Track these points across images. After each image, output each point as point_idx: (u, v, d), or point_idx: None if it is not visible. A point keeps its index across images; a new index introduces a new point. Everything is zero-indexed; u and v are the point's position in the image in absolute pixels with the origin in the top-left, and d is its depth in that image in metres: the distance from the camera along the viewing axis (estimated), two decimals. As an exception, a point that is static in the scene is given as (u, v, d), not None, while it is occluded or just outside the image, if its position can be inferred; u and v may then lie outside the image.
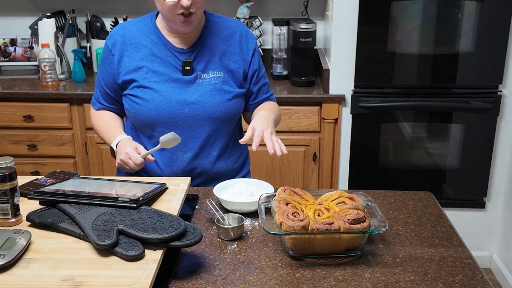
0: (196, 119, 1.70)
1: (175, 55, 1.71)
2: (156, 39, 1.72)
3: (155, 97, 1.68)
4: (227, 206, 1.56)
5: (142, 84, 1.70)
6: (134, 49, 1.72)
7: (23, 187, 1.52)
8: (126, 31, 1.74)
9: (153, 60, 1.71)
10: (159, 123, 1.70)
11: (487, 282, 1.25)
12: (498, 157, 2.94)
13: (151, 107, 1.69)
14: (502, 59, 2.74)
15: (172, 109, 1.69)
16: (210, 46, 1.73)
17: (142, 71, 1.70)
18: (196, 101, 1.69)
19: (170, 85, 1.70)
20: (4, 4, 3.34)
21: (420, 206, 1.64)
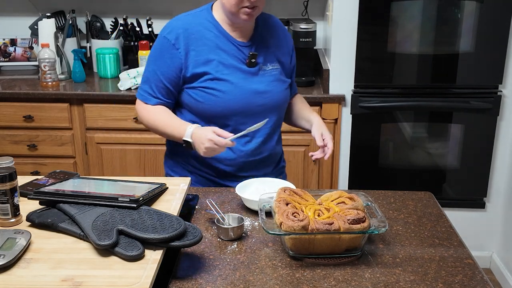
0: (265, 107, 1.78)
1: (239, 48, 1.76)
2: (218, 33, 1.75)
3: (231, 88, 1.73)
4: (249, 205, 1.58)
5: (216, 76, 1.72)
6: (199, 43, 1.73)
7: (23, 187, 1.52)
8: (187, 25, 1.75)
9: (220, 53, 1.74)
10: (234, 113, 1.75)
11: (487, 282, 1.25)
12: (498, 157, 2.94)
13: (229, 98, 1.73)
14: (502, 59, 2.73)
15: (247, 99, 1.75)
16: (265, 40, 1.82)
17: (213, 64, 1.73)
18: (265, 91, 1.78)
19: (239, 76, 1.75)
20: (4, 4, 3.34)
21: (420, 206, 1.64)
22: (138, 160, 2.88)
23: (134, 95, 2.78)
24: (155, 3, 3.30)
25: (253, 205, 1.56)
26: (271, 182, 1.70)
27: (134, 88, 2.84)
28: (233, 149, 1.77)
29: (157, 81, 1.77)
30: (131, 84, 2.83)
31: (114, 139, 2.86)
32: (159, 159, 2.86)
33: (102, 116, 2.83)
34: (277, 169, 1.94)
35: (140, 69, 2.90)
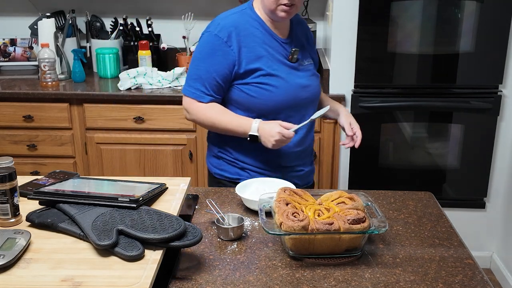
0: (308, 100, 1.88)
1: (281, 44, 1.83)
2: (263, 30, 1.81)
3: (282, 83, 1.79)
4: (249, 205, 1.58)
5: (268, 72, 1.78)
6: (249, 40, 1.78)
7: (23, 187, 1.51)
8: (237, 23, 1.79)
9: (268, 49, 1.80)
10: (285, 107, 1.81)
11: (487, 282, 1.25)
12: (498, 157, 2.94)
13: (281, 93, 1.78)
14: (502, 59, 2.73)
15: (295, 93, 1.82)
16: (298, 36, 1.91)
17: (264, 60, 1.78)
18: (308, 85, 1.86)
19: (286, 71, 1.81)
20: (4, 4, 3.34)
21: (420, 206, 1.64)
22: (138, 160, 2.88)
23: (134, 95, 2.79)
24: (155, 3, 3.30)
25: (253, 205, 1.56)
26: (271, 182, 1.70)
27: (134, 88, 2.84)
28: None
29: (210, 78, 1.78)
30: (131, 84, 2.83)
31: (114, 139, 2.86)
32: (159, 159, 2.86)
33: (102, 116, 2.83)
34: (311, 157, 2.02)
35: (140, 69, 2.90)
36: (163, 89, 2.86)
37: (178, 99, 2.79)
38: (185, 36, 3.10)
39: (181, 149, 2.86)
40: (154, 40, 3.16)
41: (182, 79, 2.95)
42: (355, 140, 1.90)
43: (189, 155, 2.85)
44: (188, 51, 3.10)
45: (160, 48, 3.14)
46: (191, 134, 2.84)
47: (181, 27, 3.12)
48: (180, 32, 3.13)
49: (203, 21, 3.22)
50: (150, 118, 2.81)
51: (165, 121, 2.81)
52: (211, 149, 1.99)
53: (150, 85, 2.86)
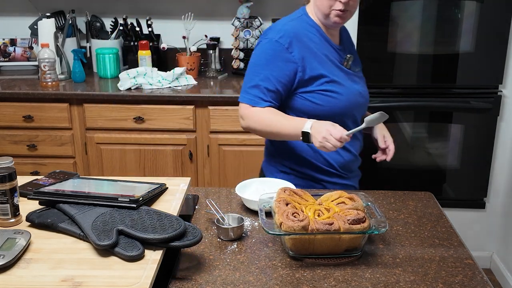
0: (363, 107, 1.89)
1: (336, 51, 1.81)
2: (320, 37, 1.78)
3: (344, 90, 1.77)
4: (249, 205, 1.58)
5: (332, 78, 1.75)
6: (311, 46, 1.75)
7: (23, 187, 1.51)
8: (296, 30, 1.75)
9: (327, 56, 1.78)
10: (347, 114, 1.80)
11: (487, 283, 1.25)
12: (498, 157, 2.94)
13: (345, 99, 1.76)
14: (502, 59, 2.73)
15: (355, 100, 1.81)
16: (348, 44, 1.91)
17: (326, 66, 1.76)
18: (363, 91, 1.87)
19: (344, 78, 1.79)
20: (4, 4, 3.34)
21: (420, 206, 1.64)
22: (138, 160, 2.88)
23: (134, 95, 2.79)
24: (155, 3, 3.30)
25: (253, 205, 1.56)
26: (271, 182, 1.70)
27: (134, 88, 2.84)
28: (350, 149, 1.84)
29: (270, 85, 1.72)
30: (131, 84, 2.83)
31: (114, 139, 2.86)
32: (159, 159, 2.86)
33: (102, 116, 2.83)
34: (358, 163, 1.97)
35: (140, 69, 2.90)
36: (163, 89, 2.86)
37: (178, 99, 2.80)
38: (185, 36, 3.10)
39: (181, 149, 2.86)
40: (154, 40, 3.16)
41: (182, 79, 2.96)
42: (387, 154, 1.88)
43: (189, 155, 2.85)
44: (188, 51, 3.10)
45: (160, 48, 3.14)
46: (191, 134, 2.84)
47: (181, 27, 3.12)
48: (180, 32, 3.13)
49: (203, 21, 3.24)
50: (150, 118, 2.81)
51: (165, 121, 2.81)
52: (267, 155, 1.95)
53: (150, 85, 2.86)
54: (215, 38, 3.21)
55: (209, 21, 3.30)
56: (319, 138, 1.62)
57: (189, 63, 3.06)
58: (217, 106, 2.78)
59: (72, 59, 3.03)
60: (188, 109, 2.79)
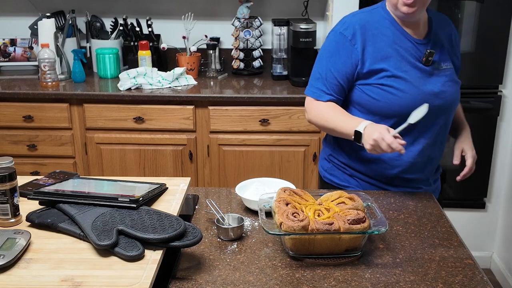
0: (439, 108, 1.72)
1: (415, 45, 1.72)
2: (395, 30, 1.72)
3: (409, 88, 1.68)
4: (249, 205, 1.58)
5: (395, 73, 1.68)
6: (377, 39, 1.71)
7: (23, 187, 1.51)
8: (364, 22, 1.72)
9: (398, 50, 1.70)
10: (410, 112, 1.66)
11: (487, 283, 1.25)
12: (498, 158, 2.94)
13: (406, 97, 1.68)
14: (502, 59, 2.73)
15: (423, 100, 1.67)
16: (439, 37, 1.77)
17: (391, 61, 1.69)
18: (441, 91, 1.72)
19: (417, 75, 1.70)
20: (4, 4, 3.34)
21: (420, 207, 1.64)
22: (138, 160, 2.88)
23: (134, 95, 2.79)
24: (155, 3, 3.30)
25: (253, 205, 1.56)
26: (271, 182, 1.70)
27: (134, 88, 2.84)
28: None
29: (331, 77, 1.72)
30: (131, 84, 2.83)
31: (114, 139, 2.86)
32: (159, 159, 2.86)
33: (102, 116, 2.83)
34: (436, 174, 1.89)
35: (140, 69, 2.90)
36: (163, 89, 2.86)
37: (178, 99, 2.80)
38: (185, 36, 3.10)
39: (181, 149, 2.86)
40: (154, 40, 3.16)
41: (182, 79, 2.96)
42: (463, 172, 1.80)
43: (189, 155, 2.85)
44: (188, 51, 3.10)
45: (160, 48, 3.14)
46: (191, 134, 2.84)
47: (181, 27, 3.12)
48: (180, 32, 3.13)
49: (203, 21, 3.24)
50: (150, 118, 2.81)
51: (165, 121, 2.81)
52: (324, 151, 1.92)
53: (150, 85, 2.86)
54: (215, 38, 3.21)
55: (209, 21, 3.30)
56: (370, 140, 1.56)
57: (189, 63, 3.06)
58: (217, 106, 2.78)
59: (72, 59, 3.03)
60: (188, 109, 2.79)
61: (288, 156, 2.85)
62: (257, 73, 3.20)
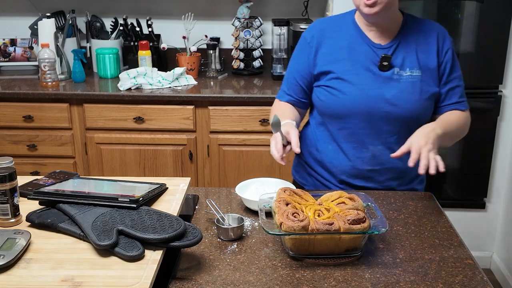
0: (391, 115, 1.68)
1: (373, 50, 1.70)
2: (355, 34, 1.73)
3: (352, 90, 1.68)
4: (249, 205, 1.58)
5: (340, 76, 1.70)
6: (332, 42, 1.74)
7: (23, 187, 1.51)
8: (325, 25, 1.78)
9: (352, 54, 1.71)
10: (353, 115, 1.69)
11: (487, 283, 1.25)
12: (499, 158, 2.94)
13: (348, 100, 1.68)
14: (502, 60, 2.73)
15: (370, 103, 1.67)
16: (408, 44, 1.71)
17: (341, 64, 1.71)
18: (393, 98, 1.67)
19: (368, 79, 1.69)
20: (4, 4, 3.34)
21: (420, 207, 1.64)
22: (138, 160, 2.88)
23: (134, 95, 2.79)
24: (155, 3, 3.30)
25: (253, 205, 1.56)
26: (271, 182, 1.70)
27: (134, 88, 2.84)
28: (348, 156, 1.74)
29: (291, 78, 1.81)
30: (131, 84, 2.83)
31: (114, 139, 2.86)
32: (159, 159, 2.86)
33: (102, 116, 2.83)
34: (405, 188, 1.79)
35: (140, 69, 2.90)
36: (163, 89, 2.86)
37: (178, 99, 2.80)
38: (185, 36, 3.10)
39: (181, 149, 2.86)
40: (154, 40, 3.16)
41: (182, 79, 2.96)
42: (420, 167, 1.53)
43: (189, 155, 2.85)
44: (188, 51, 3.10)
45: (160, 48, 3.14)
46: (191, 134, 2.84)
47: (181, 27, 3.12)
48: (180, 32, 3.13)
49: (203, 21, 3.24)
50: (150, 118, 2.81)
51: (165, 121, 2.81)
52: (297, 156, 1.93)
53: (150, 85, 2.86)
54: (215, 38, 3.21)
55: (209, 21, 3.30)
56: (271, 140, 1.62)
57: (189, 63, 3.06)
58: (217, 106, 2.78)
59: (72, 59, 3.03)
60: (188, 109, 2.79)
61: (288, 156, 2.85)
62: (257, 73, 3.20)
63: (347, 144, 1.74)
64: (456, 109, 1.78)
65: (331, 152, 1.77)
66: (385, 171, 1.75)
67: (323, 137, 1.79)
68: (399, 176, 1.77)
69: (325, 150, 1.79)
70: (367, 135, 1.71)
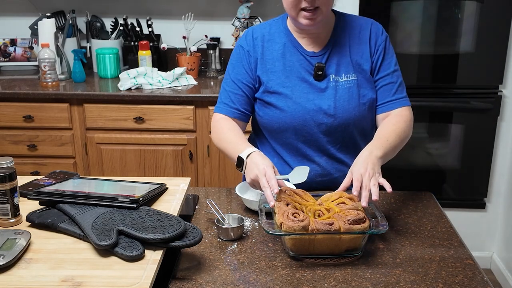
0: (331, 125, 1.63)
1: (307, 58, 1.64)
2: (287, 42, 1.66)
3: (289, 104, 1.62)
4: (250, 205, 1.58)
5: (276, 90, 1.63)
6: (267, 53, 1.66)
7: (23, 187, 1.51)
8: (261, 34, 1.69)
9: (285, 64, 1.64)
10: (292, 129, 1.64)
11: (488, 283, 1.25)
12: (499, 158, 2.94)
13: (285, 115, 1.63)
14: (502, 59, 2.73)
15: (307, 116, 1.62)
16: (342, 47, 1.65)
17: (275, 75, 1.64)
18: (331, 108, 1.61)
19: (303, 90, 1.62)
20: (4, 4, 3.34)
21: (421, 207, 1.64)
22: (138, 160, 2.88)
23: (134, 95, 2.79)
24: (155, 3, 3.30)
25: (253, 205, 1.56)
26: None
27: (134, 88, 2.84)
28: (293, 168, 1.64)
29: (234, 88, 1.69)
30: (131, 84, 2.83)
31: (114, 139, 2.86)
32: (159, 159, 2.86)
33: (102, 116, 2.83)
34: None
35: (140, 69, 2.90)
36: (163, 89, 2.86)
37: (178, 99, 2.80)
38: (185, 36, 3.10)
39: (181, 149, 2.86)
40: (154, 40, 3.16)
41: (182, 79, 2.96)
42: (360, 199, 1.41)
43: (189, 155, 2.85)
44: (188, 51, 3.10)
45: (160, 48, 3.14)
46: (191, 134, 2.84)
47: (181, 27, 3.12)
48: (180, 32, 3.13)
49: (203, 21, 3.24)
50: (150, 118, 2.81)
51: (165, 121, 2.81)
52: None
53: (150, 85, 2.86)
54: (215, 38, 3.21)
55: (209, 21, 3.30)
56: (251, 174, 1.46)
57: (189, 63, 3.06)
58: (217, 106, 2.78)
59: (72, 59, 3.03)
60: (188, 109, 2.79)
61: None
62: (257, 73, 3.20)
63: (290, 158, 1.69)
64: (394, 108, 1.67)
65: (276, 165, 1.57)
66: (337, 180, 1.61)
67: (266, 151, 1.71)
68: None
69: None
70: (309, 149, 1.66)
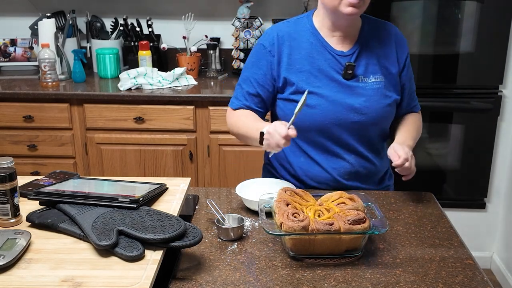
0: (361, 124, 1.65)
1: (336, 58, 1.64)
2: (315, 41, 1.65)
3: (321, 103, 1.62)
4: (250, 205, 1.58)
5: (306, 89, 1.60)
6: (293, 51, 1.65)
7: (23, 188, 1.51)
8: (284, 32, 1.67)
9: (314, 63, 1.64)
10: (324, 129, 1.64)
11: (488, 283, 1.25)
12: (499, 158, 2.94)
13: (318, 113, 1.62)
14: (503, 60, 2.73)
15: (339, 115, 1.62)
16: (369, 49, 1.67)
17: (304, 75, 1.63)
18: (362, 107, 1.63)
19: (333, 89, 1.63)
20: (4, 4, 3.34)
21: (421, 207, 1.64)
22: (138, 160, 2.88)
23: (134, 96, 2.79)
24: (155, 3, 3.30)
25: (253, 205, 1.56)
26: (271, 183, 1.70)
27: (134, 88, 2.84)
28: (326, 168, 1.69)
29: (250, 88, 1.69)
30: (131, 84, 2.83)
31: (114, 139, 2.86)
32: (159, 159, 2.86)
33: (102, 116, 2.83)
34: (380, 187, 1.81)
35: (140, 69, 2.90)
36: (163, 89, 2.86)
37: (178, 99, 2.80)
38: (185, 36, 3.10)
39: (181, 149, 2.86)
40: (155, 41, 3.16)
41: (182, 79, 2.96)
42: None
43: (189, 155, 2.85)
44: (188, 51, 3.10)
45: (161, 49, 3.14)
46: (191, 134, 2.84)
47: (181, 27, 3.12)
48: (180, 32, 3.13)
49: (203, 21, 3.24)
50: (150, 118, 2.81)
51: (165, 122, 2.81)
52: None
53: (150, 86, 2.86)
54: (215, 38, 3.21)
55: (209, 21, 3.30)
56: (266, 135, 1.50)
57: (189, 63, 3.06)
58: (217, 106, 2.78)
59: (72, 59, 3.03)
60: (188, 109, 2.79)
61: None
62: (257, 73, 3.20)
63: (319, 157, 1.70)
64: (413, 112, 1.83)
65: (303, 164, 1.68)
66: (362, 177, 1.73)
67: (291, 150, 1.71)
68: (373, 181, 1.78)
69: (297, 163, 1.72)
70: (337, 146, 1.67)
